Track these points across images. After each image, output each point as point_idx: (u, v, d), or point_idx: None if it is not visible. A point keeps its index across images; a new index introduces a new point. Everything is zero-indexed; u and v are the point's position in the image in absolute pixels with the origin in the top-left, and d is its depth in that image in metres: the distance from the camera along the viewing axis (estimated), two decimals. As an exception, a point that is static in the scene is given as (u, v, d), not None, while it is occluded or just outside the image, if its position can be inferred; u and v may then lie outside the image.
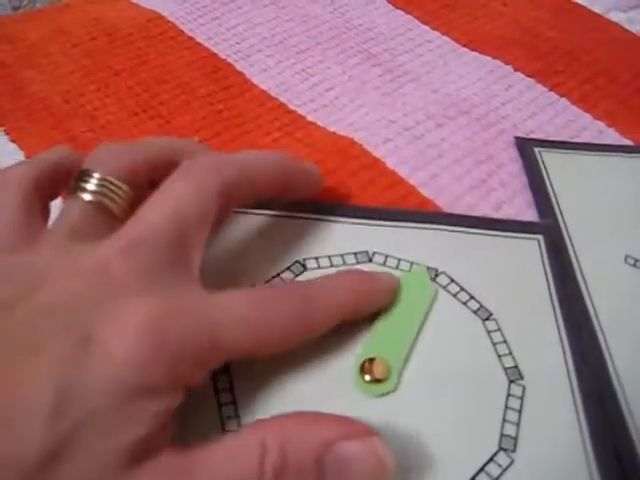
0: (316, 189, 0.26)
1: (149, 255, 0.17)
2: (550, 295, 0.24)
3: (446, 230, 0.26)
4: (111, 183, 0.19)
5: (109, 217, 0.19)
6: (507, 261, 0.25)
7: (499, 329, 0.23)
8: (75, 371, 0.14)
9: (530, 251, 0.26)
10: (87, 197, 0.18)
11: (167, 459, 0.16)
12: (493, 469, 0.19)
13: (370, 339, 0.22)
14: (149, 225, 0.17)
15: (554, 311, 0.24)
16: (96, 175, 0.19)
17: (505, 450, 0.19)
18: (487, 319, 0.23)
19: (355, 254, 0.25)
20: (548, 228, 0.27)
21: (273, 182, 0.22)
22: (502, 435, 0.20)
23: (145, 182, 0.21)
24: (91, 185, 0.18)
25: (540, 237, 0.26)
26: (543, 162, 0.30)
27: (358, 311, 0.21)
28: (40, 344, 0.15)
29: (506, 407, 0.20)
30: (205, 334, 0.16)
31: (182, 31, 0.37)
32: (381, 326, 0.22)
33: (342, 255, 0.25)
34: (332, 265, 0.24)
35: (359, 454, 0.16)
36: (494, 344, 0.22)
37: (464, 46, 0.38)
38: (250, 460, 0.16)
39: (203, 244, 0.19)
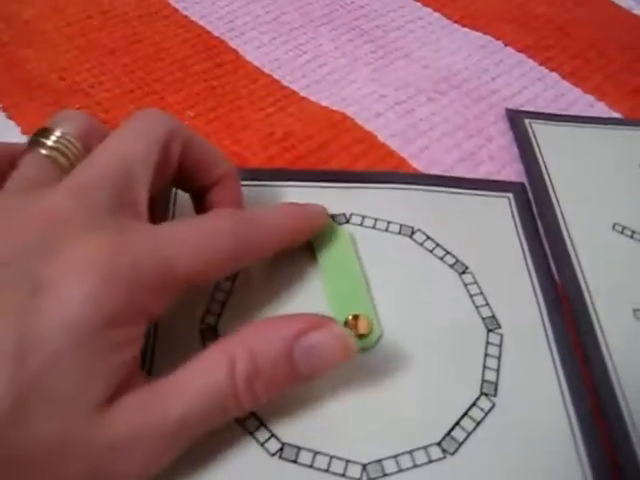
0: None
1: (96, 195, 0.17)
2: (522, 249, 0.25)
3: (421, 190, 0.27)
4: (68, 141, 0.19)
5: (63, 171, 0.19)
6: (480, 218, 0.26)
7: (475, 282, 0.24)
8: (31, 317, 0.15)
9: (501, 208, 0.27)
10: (44, 152, 0.19)
11: (141, 391, 0.16)
12: (476, 413, 0.20)
13: (332, 302, 0.22)
14: (96, 167, 0.18)
15: (526, 264, 0.25)
16: (56, 133, 0.19)
17: (487, 395, 0.20)
18: (463, 272, 0.24)
19: (333, 217, 0.25)
20: (518, 186, 0.28)
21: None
22: (483, 381, 0.21)
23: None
24: (50, 141, 0.19)
25: (510, 195, 0.27)
26: (534, 133, 0.31)
27: (299, 232, 0.22)
28: None
29: (486, 354, 0.22)
30: (155, 259, 0.17)
31: (176, 9, 0.38)
32: (332, 288, 0.23)
33: None
34: None
35: (325, 340, 0.18)
36: (471, 296, 0.23)
37: (455, 22, 0.39)
38: (219, 373, 0.16)
39: (148, 186, 0.19)
